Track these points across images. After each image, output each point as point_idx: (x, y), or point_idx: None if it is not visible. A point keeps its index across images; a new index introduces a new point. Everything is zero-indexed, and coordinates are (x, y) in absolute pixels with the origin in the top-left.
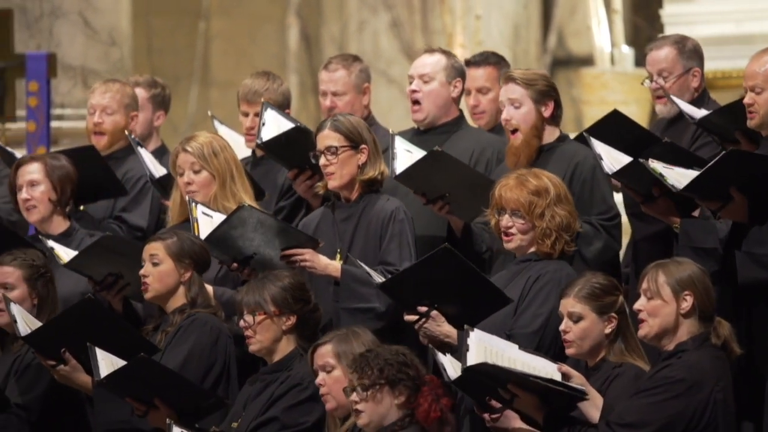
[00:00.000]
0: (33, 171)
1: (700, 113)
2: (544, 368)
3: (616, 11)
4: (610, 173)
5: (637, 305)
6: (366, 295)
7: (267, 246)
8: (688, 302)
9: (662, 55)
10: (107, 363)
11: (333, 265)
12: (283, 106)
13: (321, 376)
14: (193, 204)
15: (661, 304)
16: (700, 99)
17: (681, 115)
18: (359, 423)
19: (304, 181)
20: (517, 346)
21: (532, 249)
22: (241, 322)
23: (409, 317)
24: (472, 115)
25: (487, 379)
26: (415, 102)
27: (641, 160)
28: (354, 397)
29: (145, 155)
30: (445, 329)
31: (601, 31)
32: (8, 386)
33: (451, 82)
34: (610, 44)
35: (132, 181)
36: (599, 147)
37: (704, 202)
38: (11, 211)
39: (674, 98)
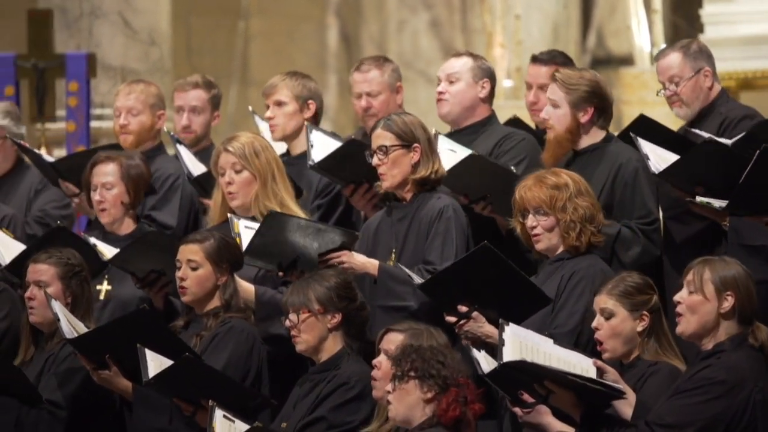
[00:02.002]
0: (108, 173)
1: (665, 155)
2: (580, 363)
3: (655, 11)
4: (656, 173)
5: (677, 296)
6: (401, 293)
7: (307, 246)
8: (729, 302)
9: (669, 61)
10: (156, 364)
11: (371, 263)
12: (303, 98)
13: (380, 358)
14: (236, 220)
15: (702, 301)
16: (718, 99)
17: (701, 115)
18: (390, 415)
19: (363, 194)
20: (552, 341)
21: (562, 248)
22: (287, 322)
23: (450, 318)
24: (531, 111)
25: (524, 375)
26: (440, 101)
27: (689, 200)
28: (388, 387)
29: (185, 153)
30: (487, 330)
31: (641, 31)
32: (41, 383)
33: (478, 82)
34: (650, 44)
35: (161, 179)
36: (646, 146)
37: (677, 191)
38: (59, 217)
39: (640, 141)
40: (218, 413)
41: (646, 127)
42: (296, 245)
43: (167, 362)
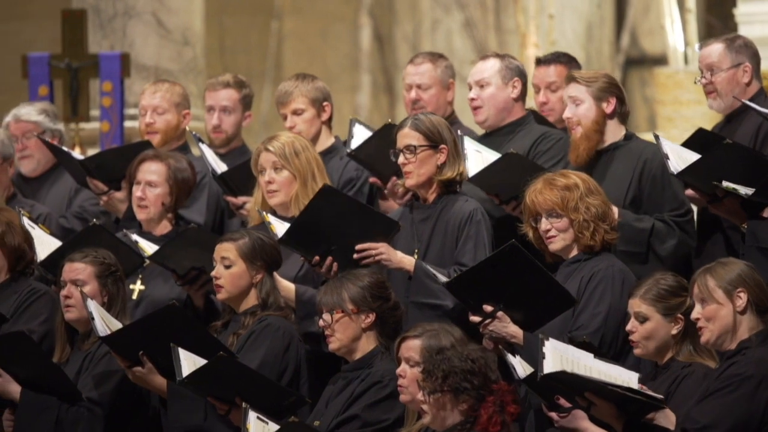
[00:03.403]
0: (154, 171)
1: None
2: (620, 376)
3: (689, 10)
4: (675, 173)
5: (694, 314)
6: (437, 291)
7: (346, 231)
8: (742, 299)
9: (711, 50)
10: (190, 363)
11: (407, 259)
12: (319, 101)
13: (403, 367)
14: (264, 213)
15: (717, 307)
16: (755, 97)
17: (738, 111)
18: (424, 421)
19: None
20: (592, 355)
21: (576, 249)
22: (320, 322)
23: (475, 318)
24: (541, 112)
25: (565, 387)
26: (476, 108)
27: (715, 183)
28: (420, 396)
29: (207, 152)
30: (511, 330)
31: (675, 30)
32: (79, 382)
33: (509, 83)
34: (684, 43)
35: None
36: (667, 146)
37: (696, 192)
38: (98, 213)
39: (661, 140)
40: (252, 415)
41: (703, 139)
42: (337, 228)
43: (201, 361)
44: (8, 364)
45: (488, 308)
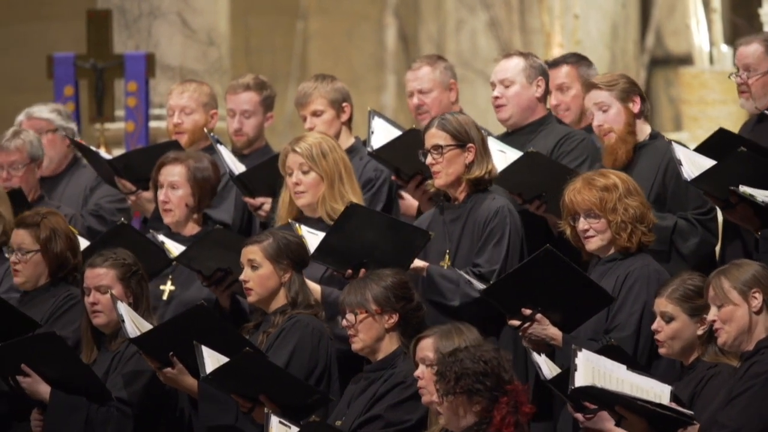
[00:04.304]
0: (175, 173)
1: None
2: (653, 389)
3: (714, 10)
4: (688, 179)
5: (710, 317)
6: (445, 290)
7: (379, 245)
8: (758, 299)
9: (750, 50)
10: (213, 361)
11: (422, 264)
12: (338, 102)
13: (420, 369)
14: (297, 225)
15: (733, 309)
16: None
17: None
18: (440, 421)
19: (416, 187)
20: (624, 367)
21: (613, 249)
22: (344, 321)
23: (514, 322)
24: (557, 114)
25: (595, 401)
26: (499, 106)
27: (733, 188)
28: (435, 398)
29: (225, 153)
30: (551, 332)
31: (700, 30)
32: (108, 382)
33: (533, 82)
34: (709, 43)
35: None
36: (680, 152)
37: (709, 199)
38: (114, 211)
39: (675, 146)
40: (274, 419)
41: (724, 140)
42: (368, 243)
43: (224, 359)
44: (38, 365)
45: (527, 311)
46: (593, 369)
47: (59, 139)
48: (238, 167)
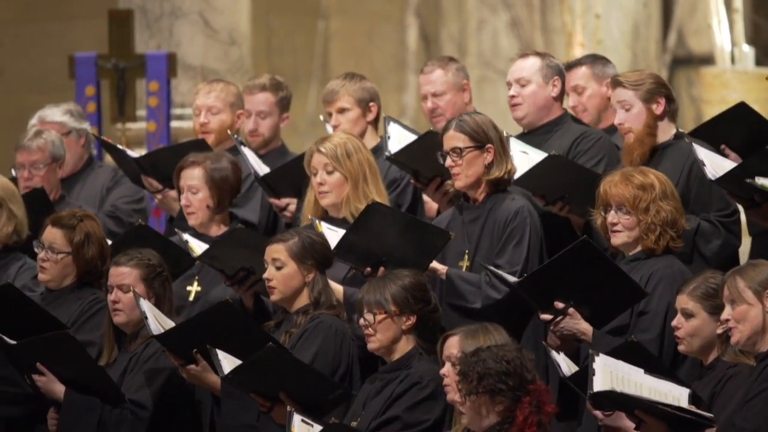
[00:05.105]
0: (193, 177)
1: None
2: (671, 392)
3: (736, 10)
4: (712, 179)
5: (723, 315)
6: (466, 293)
7: (399, 244)
8: None
9: None
10: (229, 362)
11: (442, 268)
12: (365, 101)
13: (446, 367)
14: (317, 222)
15: (747, 308)
16: None
17: None
18: (462, 421)
19: (435, 189)
20: (642, 371)
21: (638, 248)
22: (361, 321)
23: (545, 316)
24: (576, 115)
25: (614, 405)
26: (515, 105)
27: (748, 181)
28: (457, 397)
29: (249, 154)
30: (582, 326)
31: (722, 30)
32: (124, 383)
33: (549, 82)
34: (731, 43)
35: (242, 177)
36: (702, 153)
37: (733, 198)
38: (131, 212)
39: (696, 147)
40: (296, 418)
41: (744, 115)
42: (389, 242)
43: (239, 362)
44: (54, 364)
45: (559, 305)
46: (611, 373)
47: (74, 141)
48: (262, 168)
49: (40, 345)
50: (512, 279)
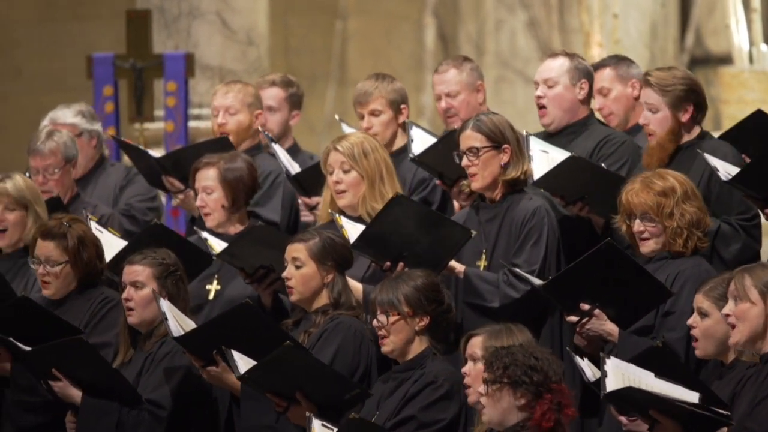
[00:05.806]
0: (208, 177)
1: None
2: (683, 396)
3: (754, 10)
4: (726, 180)
5: (725, 309)
6: (484, 292)
7: (420, 236)
8: None
9: None
10: (245, 362)
11: (459, 266)
12: (397, 103)
13: (468, 366)
14: (336, 215)
15: (749, 306)
16: None
17: None
18: (483, 419)
19: (460, 191)
20: (653, 374)
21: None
22: (375, 322)
23: (572, 318)
24: (603, 118)
25: (629, 404)
26: (542, 107)
27: None
28: (481, 389)
29: (281, 152)
30: (608, 327)
31: (740, 30)
32: (141, 383)
33: (576, 84)
34: (749, 43)
35: (263, 176)
36: (713, 161)
37: (750, 200)
38: (146, 210)
39: (707, 156)
40: (316, 422)
41: (760, 122)
42: (409, 237)
43: (254, 363)
44: (69, 369)
45: (585, 307)
46: (623, 376)
47: (85, 142)
48: (294, 167)
49: (54, 351)
50: (536, 281)
